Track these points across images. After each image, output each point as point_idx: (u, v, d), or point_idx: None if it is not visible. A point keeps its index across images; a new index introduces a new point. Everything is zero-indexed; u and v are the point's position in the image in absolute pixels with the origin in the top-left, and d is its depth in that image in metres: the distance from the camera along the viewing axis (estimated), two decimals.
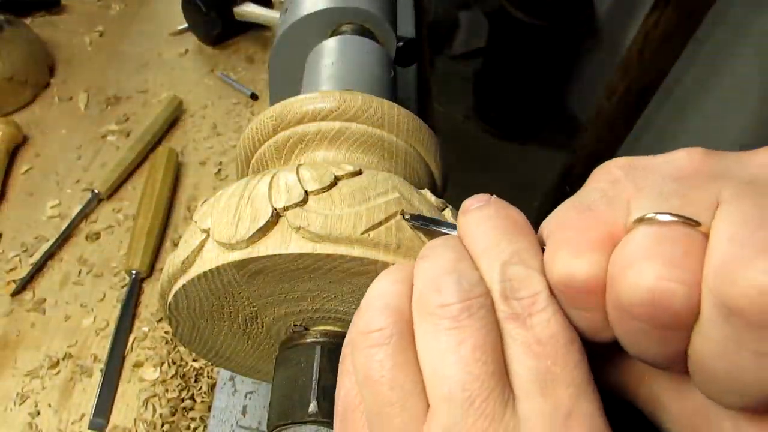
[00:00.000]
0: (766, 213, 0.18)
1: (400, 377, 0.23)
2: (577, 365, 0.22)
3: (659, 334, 0.20)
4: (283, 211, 0.31)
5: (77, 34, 1.00)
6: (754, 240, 0.18)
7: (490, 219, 0.25)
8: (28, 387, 0.61)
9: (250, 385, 0.56)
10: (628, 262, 0.20)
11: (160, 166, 0.78)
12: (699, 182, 0.21)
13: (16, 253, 0.71)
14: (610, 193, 0.22)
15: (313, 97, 0.39)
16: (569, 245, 0.22)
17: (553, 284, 0.22)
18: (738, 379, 0.19)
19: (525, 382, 0.22)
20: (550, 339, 0.22)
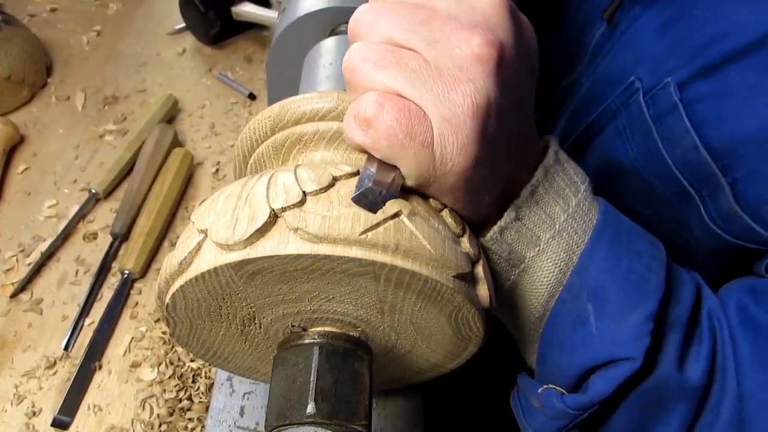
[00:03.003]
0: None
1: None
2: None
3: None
4: (281, 211, 0.31)
5: (75, 33, 1.00)
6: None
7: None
8: (25, 387, 0.61)
9: (248, 385, 0.56)
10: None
11: (172, 168, 0.77)
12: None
13: (13, 253, 0.71)
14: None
15: (311, 97, 0.39)
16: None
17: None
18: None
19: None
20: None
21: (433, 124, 0.30)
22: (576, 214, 0.38)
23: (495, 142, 0.32)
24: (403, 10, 0.32)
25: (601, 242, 0.37)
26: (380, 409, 0.55)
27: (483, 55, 0.30)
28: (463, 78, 0.30)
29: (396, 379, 0.46)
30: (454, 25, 0.30)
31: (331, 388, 0.33)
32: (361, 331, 0.38)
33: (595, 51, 0.53)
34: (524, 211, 0.37)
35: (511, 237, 0.37)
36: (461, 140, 0.30)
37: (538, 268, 0.38)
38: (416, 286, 0.32)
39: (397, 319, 0.36)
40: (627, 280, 0.37)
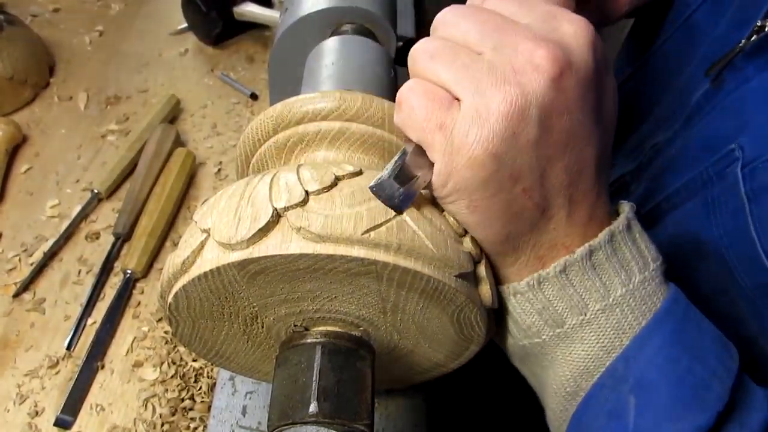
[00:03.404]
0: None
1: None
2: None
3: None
4: (283, 211, 0.31)
5: (77, 33, 1.00)
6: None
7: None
8: (28, 387, 0.61)
9: (250, 385, 0.56)
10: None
11: (174, 168, 0.77)
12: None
13: (16, 253, 0.71)
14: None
15: (313, 97, 0.39)
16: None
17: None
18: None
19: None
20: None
21: (459, 113, 0.30)
22: (637, 292, 0.34)
23: (527, 156, 0.31)
24: (483, 16, 0.32)
25: (660, 331, 0.33)
26: (382, 408, 0.55)
27: (542, 65, 0.29)
28: (512, 80, 0.30)
29: (398, 378, 0.46)
30: (526, 35, 0.30)
31: (334, 388, 0.33)
32: (363, 331, 0.38)
33: (693, 111, 0.49)
34: (575, 270, 0.34)
35: (552, 293, 0.34)
36: (485, 134, 0.30)
37: (579, 339, 0.35)
38: (418, 286, 0.32)
39: (400, 318, 0.36)
40: (682, 382, 0.32)
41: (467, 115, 0.30)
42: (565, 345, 0.35)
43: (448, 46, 0.32)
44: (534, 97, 0.30)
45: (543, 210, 0.33)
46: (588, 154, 0.33)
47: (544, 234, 0.34)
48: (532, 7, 0.33)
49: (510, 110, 0.29)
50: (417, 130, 0.32)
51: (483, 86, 0.30)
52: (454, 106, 0.31)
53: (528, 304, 0.35)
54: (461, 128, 0.30)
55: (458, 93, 0.31)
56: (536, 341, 0.36)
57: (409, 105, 0.32)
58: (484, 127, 0.30)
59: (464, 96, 0.30)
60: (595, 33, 0.32)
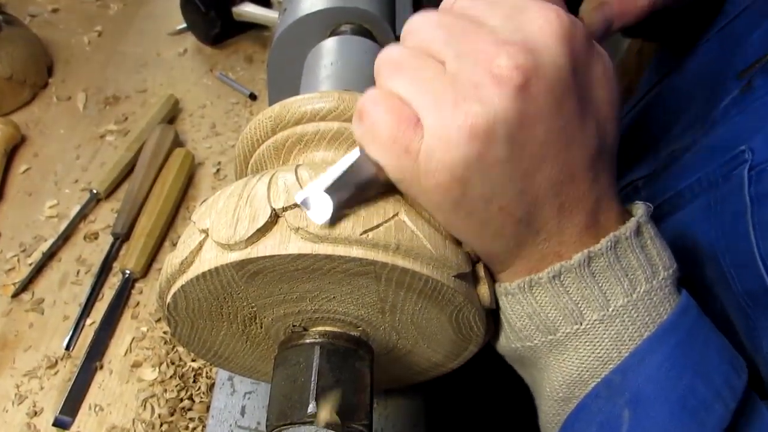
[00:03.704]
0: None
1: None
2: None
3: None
4: (282, 211, 0.31)
5: (76, 33, 1.00)
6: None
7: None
8: (27, 387, 0.61)
9: (249, 385, 0.56)
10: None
11: (173, 168, 0.77)
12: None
13: (15, 253, 0.71)
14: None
15: (312, 97, 0.39)
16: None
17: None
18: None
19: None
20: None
21: (424, 136, 0.29)
22: (641, 303, 0.32)
23: (498, 175, 0.29)
24: (449, 21, 0.30)
25: (664, 345, 0.32)
26: (381, 408, 0.55)
27: (503, 76, 0.27)
28: (472, 96, 0.27)
29: (397, 378, 0.46)
30: (488, 40, 0.28)
31: (332, 388, 0.33)
32: (362, 331, 0.38)
33: (718, 118, 0.47)
34: (571, 277, 0.32)
35: (544, 299, 0.33)
36: (450, 159, 0.28)
37: (573, 348, 0.33)
38: (417, 286, 0.32)
39: (398, 318, 0.36)
40: (682, 403, 0.31)
41: (431, 138, 0.28)
42: (558, 352, 0.34)
43: (413, 56, 0.30)
44: (498, 113, 0.27)
45: (528, 224, 0.31)
46: (577, 158, 0.30)
47: (533, 246, 0.32)
48: (499, 4, 0.30)
49: (472, 131, 0.27)
50: (381, 149, 0.30)
51: (443, 105, 0.28)
52: (419, 127, 0.29)
53: (518, 306, 0.34)
54: (425, 153, 0.29)
55: (420, 114, 0.29)
56: (528, 345, 0.35)
57: (371, 120, 0.30)
58: (447, 152, 0.28)
59: (425, 116, 0.29)
60: (568, 21, 0.29)
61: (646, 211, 0.34)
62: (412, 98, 0.29)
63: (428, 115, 0.29)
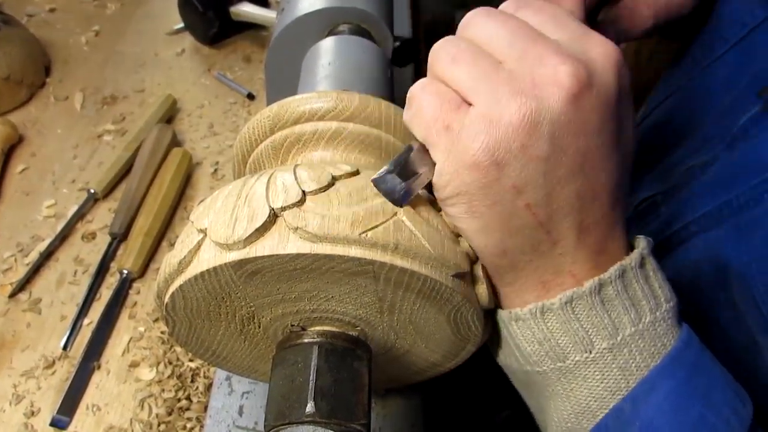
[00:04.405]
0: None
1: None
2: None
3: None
4: (280, 211, 0.31)
5: (73, 33, 1.00)
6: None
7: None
8: (24, 387, 0.61)
9: (247, 385, 0.56)
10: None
11: (171, 168, 0.77)
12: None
13: (12, 253, 0.71)
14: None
15: (310, 97, 0.39)
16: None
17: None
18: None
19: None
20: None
21: (468, 116, 0.30)
22: (647, 333, 0.32)
23: (534, 171, 0.30)
24: (514, 24, 0.32)
25: (672, 376, 0.32)
26: (379, 408, 0.55)
27: (564, 81, 0.29)
28: (530, 92, 0.29)
29: (395, 378, 0.46)
30: (553, 50, 0.30)
31: (330, 388, 0.33)
32: (360, 331, 0.38)
33: (738, 135, 0.46)
34: (582, 304, 0.32)
35: (555, 325, 0.33)
36: (494, 141, 0.29)
37: (582, 377, 0.33)
38: (415, 286, 0.32)
39: (396, 318, 0.36)
40: (693, 430, 0.31)
41: (477, 120, 0.30)
42: (567, 380, 0.34)
43: (471, 49, 0.32)
44: (549, 112, 0.29)
45: (548, 231, 0.32)
46: (603, 182, 0.32)
47: (548, 257, 0.33)
48: (564, 24, 0.32)
49: (522, 122, 0.29)
50: (423, 128, 0.32)
51: (499, 94, 0.29)
52: (463, 109, 0.31)
53: (529, 332, 0.34)
54: (469, 132, 0.30)
55: (472, 98, 0.30)
56: (537, 370, 0.35)
57: (418, 103, 0.32)
58: (492, 134, 0.29)
59: (478, 101, 0.30)
60: (622, 59, 0.31)
61: (648, 244, 0.34)
62: (466, 86, 0.31)
63: (481, 101, 0.30)
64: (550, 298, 0.33)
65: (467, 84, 0.31)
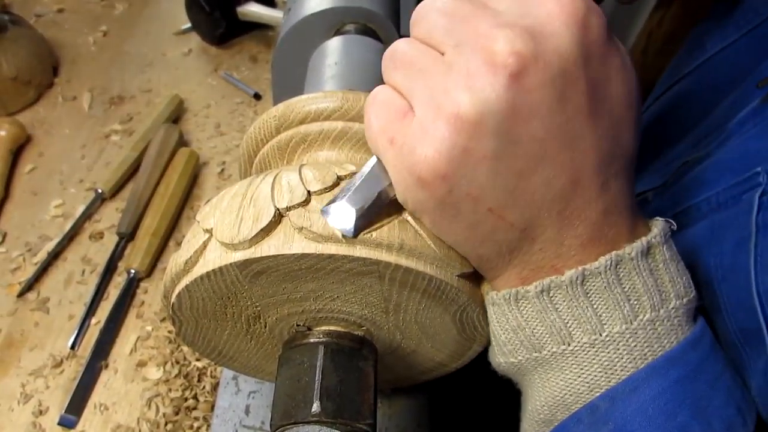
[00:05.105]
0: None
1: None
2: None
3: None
4: (285, 211, 0.31)
5: (81, 33, 1.00)
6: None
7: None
8: (32, 386, 0.61)
9: (254, 384, 0.56)
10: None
11: (177, 168, 0.78)
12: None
13: (20, 253, 0.71)
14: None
15: (316, 97, 0.39)
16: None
17: None
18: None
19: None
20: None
21: (410, 126, 0.28)
22: (641, 332, 0.29)
23: (486, 173, 0.27)
24: (453, 7, 0.28)
25: (662, 379, 0.29)
26: (385, 408, 0.55)
27: (498, 63, 0.25)
28: (463, 84, 0.26)
29: (401, 378, 0.46)
30: (488, 25, 0.26)
31: (336, 387, 0.33)
32: (365, 330, 0.38)
33: (734, 129, 0.43)
34: (561, 294, 0.29)
35: (530, 313, 0.31)
36: (432, 153, 0.27)
37: (559, 369, 0.31)
38: (421, 285, 0.32)
39: (402, 318, 0.36)
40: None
41: (416, 129, 0.27)
42: (543, 371, 0.32)
43: (413, 48, 0.29)
44: (488, 104, 0.25)
45: (522, 229, 0.29)
46: (583, 160, 0.28)
47: (527, 255, 0.30)
48: None
49: (458, 124, 0.26)
50: (372, 141, 0.30)
51: (434, 95, 0.27)
52: (408, 118, 0.28)
53: (503, 318, 0.32)
54: (409, 146, 0.28)
55: (412, 102, 0.28)
56: (512, 361, 0.33)
57: (367, 114, 0.30)
58: (429, 145, 0.27)
59: (417, 107, 0.28)
60: (583, 7, 0.27)
61: (663, 229, 0.30)
62: (407, 89, 0.29)
63: (419, 106, 0.28)
64: (525, 286, 0.30)
65: (405, 88, 0.29)
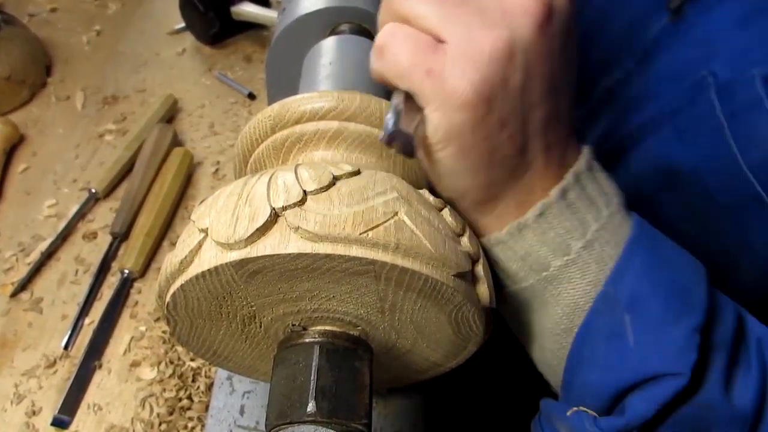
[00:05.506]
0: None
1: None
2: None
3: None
4: (281, 210, 0.31)
5: (75, 33, 1.00)
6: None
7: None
8: (25, 386, 0.61)
9: (248, 384, 0.56)
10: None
11: (172, 168, 0.77)
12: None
13: (13, 253, 0.71)
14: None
15: (311, 97, 0.39)
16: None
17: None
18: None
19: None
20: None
21: (447, 56, 0.30)
22: (609, 225, 0.35)
23: (514, 101, 0.31)
24: None
25: (638, 252, 0.35)
26: (380, 408, 0.55)
27: (532, 8, 0.29)
28: (502, 23, 0.29)
29: (396, 377, 0.46)
30: None
31: (332, 387, 0.33)
32: (361, 330, 0.38)
33: (650, 48, 0.49)
34: (553, 212, 0.34)
35: (533, 237, 0.35)
36: (479, 77, 0.29)
37: (566, 279, 0.35)
38: (416, 285, 0.32)
39: (398, 318, 0.36)
40: (670, 289, 0.34)
41: (457, 59, 0.29)
42: (552, 287, 0.36)
43: None
44: (522, 41, 0.29)
45: (523, 156, 0.33)
46: (564, 100, 0.34)
47: (523, 179, 0.34)
48: None
49: (500, 54, 0.29)
50: (404, 77, 0.31)
51: (472, 28, 0.29)
52: (440, 49, 0.30)
53: (510, 252, 0.36)
54: (452, 71, 0.30)
55: (445, 35, 0.30)
56: (523, 286, 0.37)
57: (391, 52, 0.31)
58: (477, 71, 0.29)
59: (452, 38, 0.30)
60: None
61: (590, 149, 0.36)
62: (436, 22, 0.30)
63: (455, 37, 0.30)
64: (524, 215, 0.35)
65: (436, 21, 0.30)
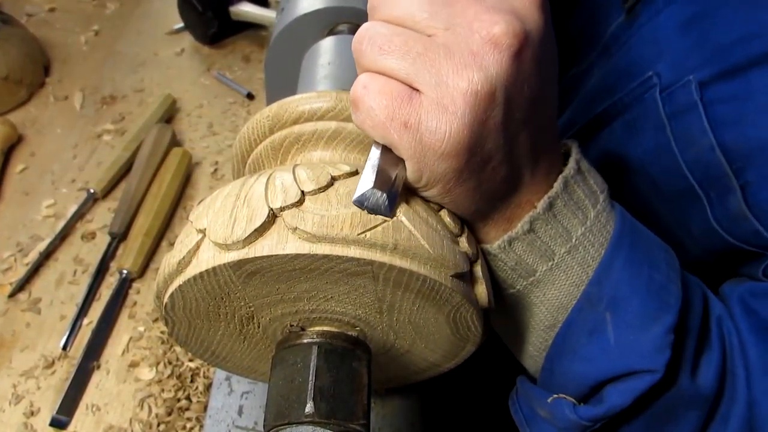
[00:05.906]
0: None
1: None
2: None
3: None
4: (279, 211, 0.31)
5: (73, 33, 1.00)
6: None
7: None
8: (24, 387, 0.61)
9: (247, 385, 0.56)
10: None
11: (170, 168, 0.77)
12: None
13: (11, 253, 0.71)
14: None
15: (309, 97, 0.39)
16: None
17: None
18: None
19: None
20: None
21: (422, 107, 0.29)
22: (594, 227, 0.36)
23: (496, 138, 0.30)
24: None
25: (621, 252, 0.36)
26: (378, 408, 0.55)
27: (502, 43, 0.28)
28: (473, 64, 0.28)
29: (394, 378, 0.46)
30: (478, 9, 0.29)
31: (330, 388, 0.33)
32: (359, 331, 0.38)
33: (609, 42, 0.51)
34: (540, 223, 0.35)
35: (522, 248, 0.36)
36: (456, 128, 0.29)
37: (550, 282, 0.37)
38: (414, 286, 0.32)
39: (396, 318, 0.36)
40: (648, 290, 0.36)
41: (432, 109, 0.29)
42: (538, 290, 0.37)
43: (396, 32, 0.30)
44: (498, 78, 0.29)
45: (509, 181, 0.34)
46: (548, 112, 0.34)
47: (511, 198, 0.35)
48: None
49: (476, 98, 0.28)
50: (381, 131, 0.30)
51: (443, 75, 0.29)
52: (416, 99, 0.29)
53: (501, 263, 0.37)
54: (428, 124, 0.29)
55: (418, 85, 0.29)
56: (510, 292, 0.38)
57: (366, 106, 0.30)
58: (453, 121, 0.29)
59: (425, 88, 0.29)
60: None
61: (577, 145, 0.37)
62: (407, 74, 0.29)
63: (428, 87, 0.29)
64: (513, 229, 0.35)
65: (407, 71, 0.29)
